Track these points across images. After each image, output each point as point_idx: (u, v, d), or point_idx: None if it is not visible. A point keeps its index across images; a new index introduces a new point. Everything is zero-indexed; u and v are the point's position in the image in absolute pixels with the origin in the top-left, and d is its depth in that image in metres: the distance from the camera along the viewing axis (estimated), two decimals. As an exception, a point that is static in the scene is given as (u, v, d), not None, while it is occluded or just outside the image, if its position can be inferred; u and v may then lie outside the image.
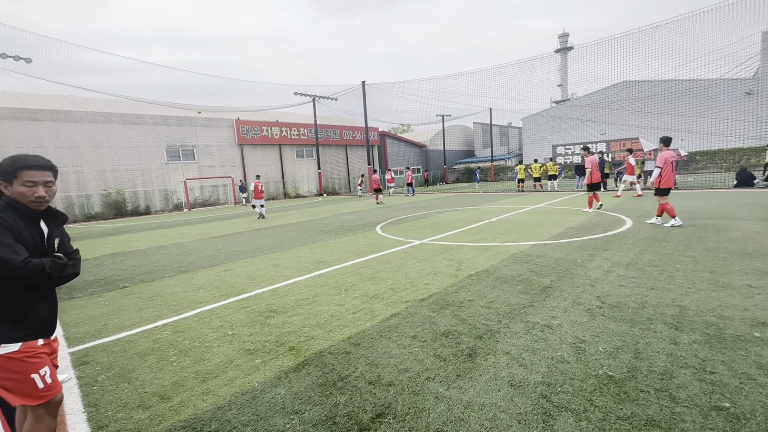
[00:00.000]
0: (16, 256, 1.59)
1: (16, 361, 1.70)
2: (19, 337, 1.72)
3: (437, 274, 5.28)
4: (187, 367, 3.06)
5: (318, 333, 3.55)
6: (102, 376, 3.01)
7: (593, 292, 4.14)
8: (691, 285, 4.16)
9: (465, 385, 2.53)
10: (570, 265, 5.27)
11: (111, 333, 3.91)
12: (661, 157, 7.83)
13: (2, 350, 1.68)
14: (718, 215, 8.80)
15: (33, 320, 1.77)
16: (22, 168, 1.72)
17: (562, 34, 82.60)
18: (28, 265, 1.62)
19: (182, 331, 3.83)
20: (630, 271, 4.83)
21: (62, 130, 21.83)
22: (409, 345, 3.18)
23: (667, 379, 2.45)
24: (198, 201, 27.09)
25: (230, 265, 6.77)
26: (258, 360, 3.10)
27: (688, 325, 3.20)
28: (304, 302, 4.47)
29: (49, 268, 1.69)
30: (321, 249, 7.74)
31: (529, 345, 3.02)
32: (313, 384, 2.68)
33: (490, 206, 14.28)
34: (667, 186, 7.84)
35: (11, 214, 1.68)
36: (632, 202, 12.57)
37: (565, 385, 2.46)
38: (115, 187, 23.57)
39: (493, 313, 3.72)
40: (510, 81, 33.64)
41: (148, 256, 8.29)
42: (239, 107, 30.38)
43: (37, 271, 1.64)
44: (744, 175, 15.13)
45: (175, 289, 5.43)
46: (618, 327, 3.24)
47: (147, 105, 24.95)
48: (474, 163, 48.26)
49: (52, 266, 1.71)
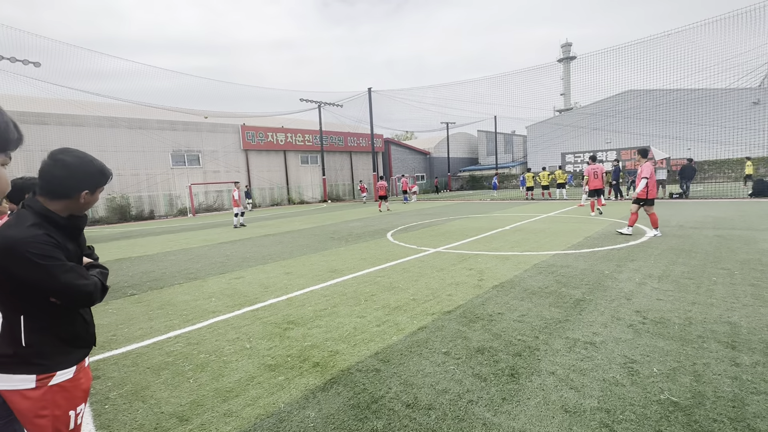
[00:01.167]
0: (86, 281, 1.38)
1: (65, 392, 1.40)
2: (75, 359, 1.44)
3: (459, 284, 5.06)
4: (205, 384, 2.84)
5: (342, 347, 3.33)
6: (114, 393, 2.79)
7: (630, 306, 3.91)
8: (735, 299, 3.92)
9: (514, 410, 2.30)
10: (598, 276, 5.04)
11: (121, 344, 3.69)
12: (646, 168, 8.03)
13: (58, 378, 1.38)
14: (741, 225, 8.56)
15: (84, 334, 1.49)
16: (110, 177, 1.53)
17: (565, 44, 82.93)
18: (97, 287, 1.41)
19: (196, 343, 3.62)
20: (664, 283, 4.60)
21: (68, 134, 21.80)
22: (443, 362, 2.95)
23: (740, 406, 2.21)
24: (202, 206, 26.97)
25: (240, 273, 6.56)
26: (281, 377, 2.87)
27: (745, 344, 2.96)
28: (322, 313, 4.25)
29: (104, 282, 1.50)
30: (333, 256, 7.53)
31: (575, 364, 2.79)
32: (345, 406, 2.45)
33: (500, 214, 14.06)
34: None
35: (52, 229, 1.37)
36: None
37: (626, 411, 2.23)
38: (120, 191, 23.48)
39: (528, 328, 3.49)
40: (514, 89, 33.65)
41: (156, 262, 8.09)
42: (245, 113, 30.47)
43: (102, 290, 1.45)
44: (761, 185, 14.91)
45: (186, 297, 5.22)
46: (668, 345, 3.01)
47: (153, 110, 25.00)
48: (479, 170, 48.13)
49: (104, 278, 1.52)
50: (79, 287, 1.35)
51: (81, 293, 1.35)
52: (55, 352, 1.37)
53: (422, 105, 42.57)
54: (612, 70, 25.16)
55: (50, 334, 1.37)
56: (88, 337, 1.52)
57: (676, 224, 9.17)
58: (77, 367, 1.45)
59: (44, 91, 19.88)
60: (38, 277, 1.27)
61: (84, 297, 1.37)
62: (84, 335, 1.49)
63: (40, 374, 1.34)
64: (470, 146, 54.35)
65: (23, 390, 1.33)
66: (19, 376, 1.33)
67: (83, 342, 1.48)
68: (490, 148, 50.50)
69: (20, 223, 1.31)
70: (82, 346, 1.48)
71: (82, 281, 1.37)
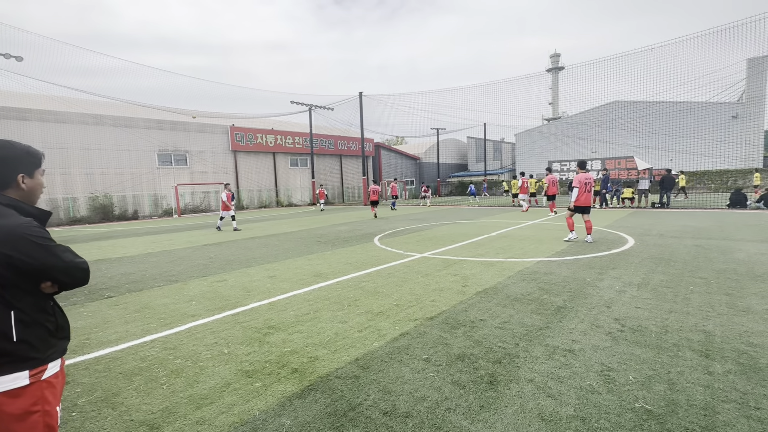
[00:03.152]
0: (81, 258, 1.44)
1: (52, 388, 1.39)
2: (62, 350, 1.45)
3: (443, 290, 5.06)
4: (179, 390, 2.77)
5: (322, 353, 3.29)
6: (82, 400, 2.70)
7: (610, 313, 3.96)
8: (710, 308, 4.01)
9: (491, 418, 2.30)
10: (580, 284, 5.10)
11: (94, 349, 3.58)
12: (576, 179, 8.52)
13: (49, 372, 1.37)
14: (718, 235, 8.79)
15: (66, 325, 1.49)
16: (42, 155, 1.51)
17: (554, 54, 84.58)
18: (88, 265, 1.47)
19: (173, 348, 3.53)
20: (643, 291, 4.68)
21: (51, 131, 21.26)
22: (423, 369, 2.94)
23: (711, 415, 2.25)
24: (189, 207, 26.53)
25: (224, 276, 6.45)
26: (258, 383, 2.82)
27: (718, 352, 3.02)
28: (304, 318, 4.19)
29: None
30: (319, 260, 7.47)
31: (554, 372, 2.81)
32: (322, 413, 2.41)
33: (487, 220, 14.17)
34: (581, 204, 8.55)
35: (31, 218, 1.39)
36: (630, 220, 12.58)
37: (600, 420, 2.24)
38: (103, 190, 22.95)
39: (509, 335, 3.50)
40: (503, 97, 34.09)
41: (136, 264, 7.91)
42: (234, 114, 30.17)
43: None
44: (738, 196, 15.37)
45: (165, 300, 5.10)
46: (644, 353, 3.05)
47: (140, 108, 24.56)
48: (467, 177, 48.53)
49: None
50: (79, 264, 1.41)
51: (81, 269, 1.41)
52: (45, 345, 1.37)
53: (413, 110, 42.86)
54: (598, 81, 25.71)
55: (39, 326, 1.36)
56: (68, 327, 1.53)
57: (657, 233, 9.37)
58: (61, 363, 1.46)
59: (26, 86, 19.35)
60: (43, 259, 1.29)
61: (83, 273, 1.43)
62: (65, 326, 1.50)
63: (33, 369, 1.33)
64: (460, 152, 54.84)
65: (13, 389, 1.28)
66: (10, 375, 1.28)
67: (65, 332, 1.50)
68: (480, 154, 51.05)
69: (6, 215, 1.32)
70: (64, 336, 1.49)
71: (79, 258, 1.43)
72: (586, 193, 8.51)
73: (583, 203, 8.46)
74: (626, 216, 14.09)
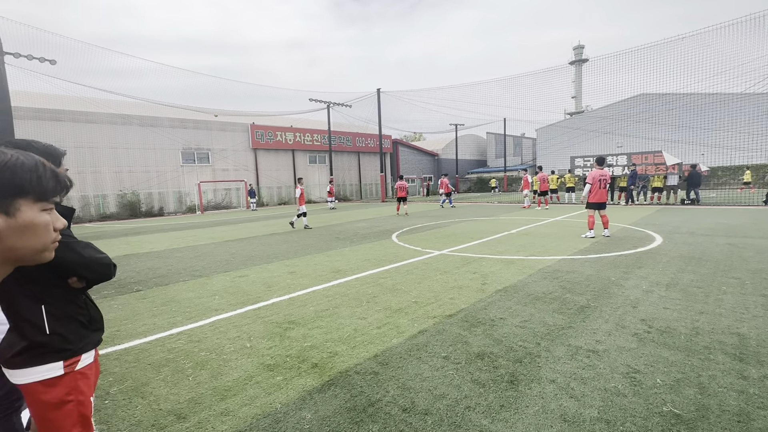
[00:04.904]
0: (103, 254, 1.48)
1: (86, 379, 1.44)
2: (95, 341, 1.51)
3: (462, 288, 5.02)
4: (204, 382, 2.85)
5: (342, 349, 3.32)
6: (114, 389, 2.82)
7: (636, 314, 3.84)
8: (745, 310, 3.83)
9: (511, 418, 2.27)
10: (604, 283, 4.96)
11: (124, 340, 3.73)
12: (590, 175, 8.45)
13: (82, 363, 1.43)
14: (754, 234, 8.36)
15: (99, 317, 1.56)
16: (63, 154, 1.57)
17: (577, 46, 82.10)
18: (111, 260, 1.51)
19: (198, 341, 3.64)
20: (672, 291, 4.51)
21: (82, 131, 22.21)
22: (442, 367, 2.93)
23: (745, 422, 2.15)
24: (211, 204, 27.23)
25: (245, 271, 6.60)
26: (279, 377, 2.87)
27: (753, 356, 2.89)
28: (324, 314, 4.24)
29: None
30: (337, 257, 7.54)
31: (577, 373, 2.74)
32: (341, 408, 2.44)
33: (507, 217, 13.95)
34: (595, 201, 8.43)
35: None
36: (658, 217, 12.12)
37: (626, 423, 2.18)
38: (131, 188, 23.83)
39: (530, 334, 3.45)
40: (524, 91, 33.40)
41: (162, 259, 8.19)
42: (255, 112, 30.68)
43: (114, 265, 1.53)
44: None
45: (190, 295, 5.26)
46: (673, 356, 2.94)
47: (165, 108, 25.31)
48: (487, 173, 47.84)
49: None
50: (101, 259, 1.45)
51: (104, 264, 1.45)
52: (78, 337, 1.43)
53: (431, 106, 42.52)
54: (625, 72, 24.90)
55: (71, 319, 1.42)
56: (101, 319, 1.58)
57: (687, 231, 9.00)
58: (95, 354, 1.52)
59: (59, 88, 20.33)
60: (64, 255, 1.31)
61: (106, 268, 1.46)
62: (98, 318, 1.56)
63: (67, 360, 1.38)
64: (479, 148, 54.08)
65: (49, 379, 1.35)
66: (46, 366, 1.35)
67: (98, 324, 1.55)
68: (499, 150, 50.20)
69: None
70: (98, 328, 1.54)
71: (101, 254, 1.46)
72: (600, 190, 8.44)
73: (598, 200, 8.44)
74: (654, 213, 13.58)
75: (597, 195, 8.37)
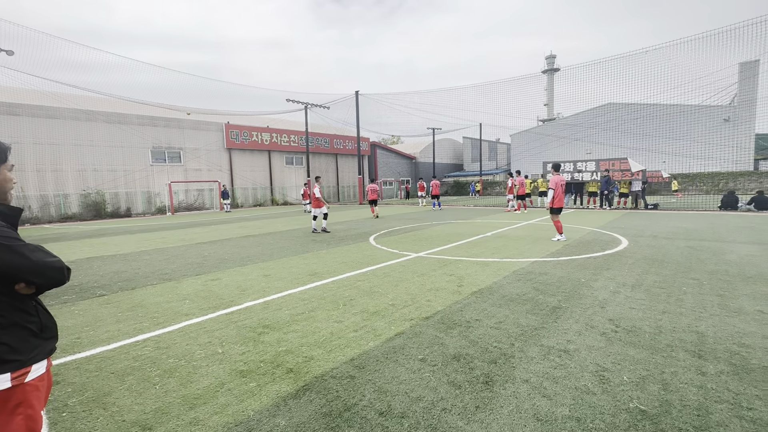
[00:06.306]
0: (54, 258, 1.37)
1: (37, 391, 1.34)
2: (47, 350, 1.40)
3: (439, 290, 5.06)
4: (172, 390, 2.73)
5: (318, 353, 3.27)
6: (73, 400, 2.65)
7: (604, 314, 3.98)
8: (703, 309, 4.05)
9: (486, 419, 2.30)
10: (575, 284, 5.13)
11: (85, 348, 3.53)
12: (553, 181, 8.70)
13: (32, 375, 1.32)
14: (710, 237, 8.89)
15: (51, 324, 1.44)
16: (8, 149, 1.44)
17: (549, 56, 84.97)
18: (64, 264, 1.39)
19: (166, 347, 3.49)
20: (637, 292, 4.71)
21: (42, 127, 20.97)
22: (418, 369, 2.93)
23: (704, 415, 2.26)
24: (182, 205, 26.31)
25: (218, 274, 6.40)
26: (252, 383, 2.79)
27: (711, 353, 3.05)
28: (299, 317, 4.17)
29: None
30: (314, 259, 7.44)
31: (549, 372, 2.81)
32: (317, 414, 2.40)
33: (482, 220, 14.21)
34: (559, 206, 8.71)
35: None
36: (624, 221, 12.68)
37: (596, 420, 2.25)
38: (95, 187, 22.69)
39: (504, 335, 3.51)
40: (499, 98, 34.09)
41: (129, 262, 7.82)
42: (230, 111, 29.96)
43: (68, 269, 1.42)
44: (730, 198, 15.57)
45: (158, 299, 5.04)
46: (638, 354, 3.07)
47: (134, 104, 24.29)
48: (463, 176, 48.64)
49: None
50: (52, 263, 1.34)
51: (54, 269, 1.35)
52: (27, 347, 1.33)
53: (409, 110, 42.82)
54: (593, 82, 25.95)
55: (19, 327, 1.32)
56: (54, 327, 1.48)
57: (650, 234, 9.46)
58: (47, 364, 1.42)
59: (16, 80, 19.05)
60: (9, 259, 1.24)
61: (57, 273, 1.36)
62: (51, 326, 1.46)
63: (15, 371, 1.29)
64: (455, 152, 54.94)
65: None
66: None
67: (51, 332, 1.45)
68: (475, 154, 51.18)
69: None
70: (51, 337, 1.44)
71: (51, 258, 1.36)
72: (561, 195, 8.91)
73: (560, 204, 8.82)
74: (620, 217, 14.20)
75: (560, 200, 8.77)
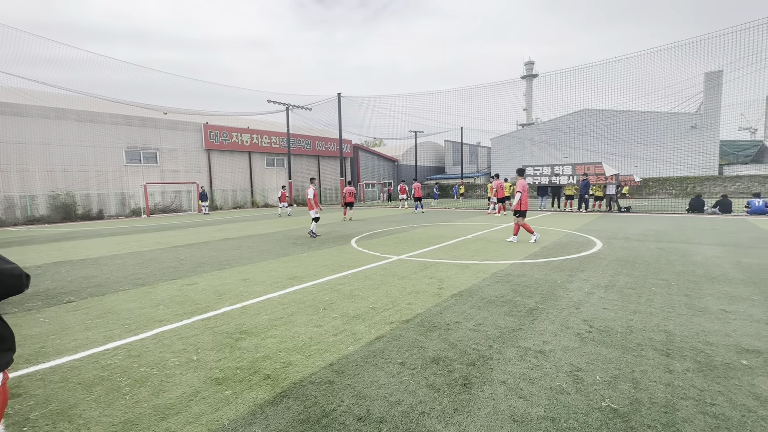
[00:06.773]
0: (11, 264, 1.31)
1: None
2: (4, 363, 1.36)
3: (419, 293, 5.08)
4: (143, 400, 2.64)
5: (296, 358, 3.22)
6: (36, 413, 2.52)
7: (579, 315, 4.09)
8: (671, 309, 4.21)
9: (464, 421, 2.32)
10: (551, 285, 5.25)
11: (50, 358, 3.36)
12: (520, 185, 9.13)
13: None
14: (679, 239, 9.27)
15: (9, 335, 1.38)
16: None
17: (528, 62, 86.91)
18: (22, 271, 1.33)
19: (137, 355, 3.37)
20: (610, 293, 4.86)
21: (7, 124, 19.98)
22: (398, 373, 2.93)
23: (671, 412, 2.35)
24: (158, 207, 25.54)
25: (194, 279, 6.23)
26: (228, 391, 2.73)
27: (678, 351, 3.18)
28: (278, 322, 4.10)
29: None
30: (294, 263, 7.35)
31: (525, 373, 2.86)
32: (294, 420, 2.36)
33: (463, 223, 14.39)
34: (525, 209, 9.07)
35: None
36: (599, 223, 13.08)
37: (569, 419, 2.30)
38: (65, 188, 21.75)
39: (483, 337, 3.55)
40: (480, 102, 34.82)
41: (100, 266, 7.52)
42: (209, 111, 29.32)
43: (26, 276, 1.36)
44: (697, 202, 16.33)
45: (131, 305, 4.87)
46: (610, 353, 3.16)
47: (107, 103, 23.44)
48: (445, 179, 49.14)
49: None
50: (8, 270, 1.28)
51: (11, 276, 1.29)
52: None
53: (392, 113, 43.00)
54: (569, 89, 26.66)
55: None
56: (12, 337, 1.40)
57: (623, 237, 9.79)
58: (3, 377, 1.35)
59: (-21, 76, 18.09)
60: None
61: (15, 279, 1.30)
62: (8, 336, 1.38)
63: None
64: (437, 155, 55.48)
65: None
66: None
67: (8, 344, 1.38)
68: (456, 157, 51.81)
69: None
70: (7, 348, 1.37)
71: (9, 264, 1.30)
72: (526, 198, 9.21)
73: (525, 207, 9.12)
74: (595, 220, 14.65)
75: (525, 203, 9.10)
